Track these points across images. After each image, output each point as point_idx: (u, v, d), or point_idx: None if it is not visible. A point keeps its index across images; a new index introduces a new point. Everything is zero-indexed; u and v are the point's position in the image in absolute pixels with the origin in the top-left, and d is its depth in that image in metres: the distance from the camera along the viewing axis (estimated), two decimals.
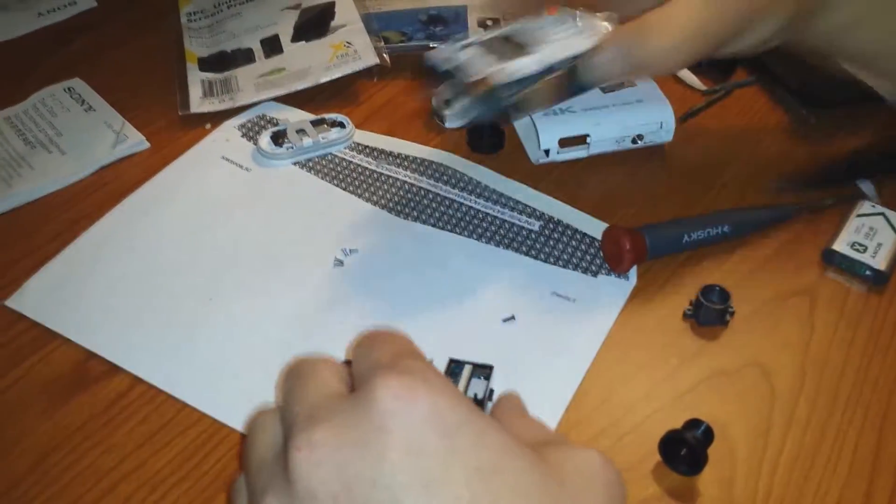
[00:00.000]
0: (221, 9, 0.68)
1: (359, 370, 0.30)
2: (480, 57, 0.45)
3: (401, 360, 0.29)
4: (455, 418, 0.27)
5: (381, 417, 0.26)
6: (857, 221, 0.49)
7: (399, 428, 0.26)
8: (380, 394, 0.27)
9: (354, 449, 0.26)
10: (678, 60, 0.44)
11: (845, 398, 0.42)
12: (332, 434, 0.26)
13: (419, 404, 0.26)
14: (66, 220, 0.53)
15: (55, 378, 0.45)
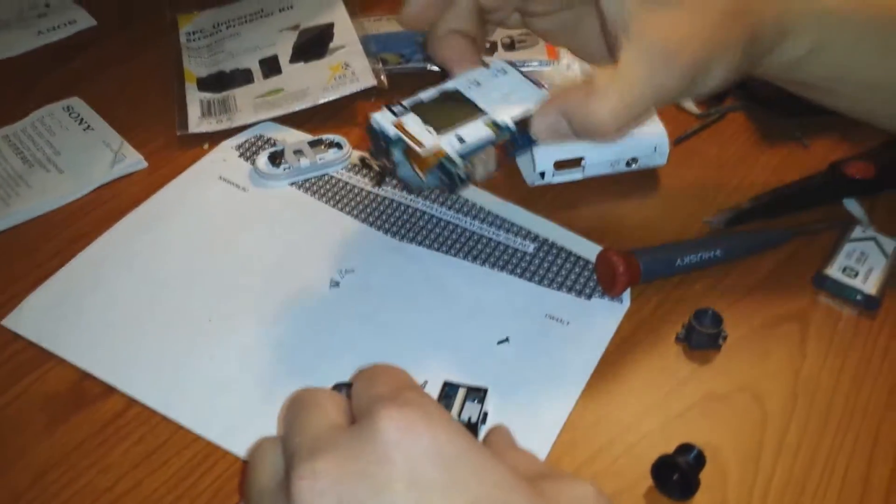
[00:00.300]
0: (220, 29, 0.69)
1: (360, 403, 0.30)
2: (425, 124, 0.43)
3: (402, 393, 0.29)
4: (455, 451, 0.27)
5: (383, 448, 0.27)
6: (849, 246, 0.49)
7: (401, 459, 0.26)
8: (382, 425, 0.27)
9: (357, 479, 0.26)
10: (623, 124, 0.42)
11: (836, 423, 0.43)
12: (335, 464, 0.27)
13: (420, 436, 0.27)
14: (63, 240, 0.53)
15: (52, 397, 0.45)
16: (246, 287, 0.50)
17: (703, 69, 0.41)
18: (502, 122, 0.43)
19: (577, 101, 0.42)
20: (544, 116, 0.43)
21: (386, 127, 0.43)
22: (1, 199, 0.56)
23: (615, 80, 0.41)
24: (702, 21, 0.41)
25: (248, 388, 0.45)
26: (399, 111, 0.44)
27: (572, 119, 0.42)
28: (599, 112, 0.41)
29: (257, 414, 0.43)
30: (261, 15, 0.70)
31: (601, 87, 0.41)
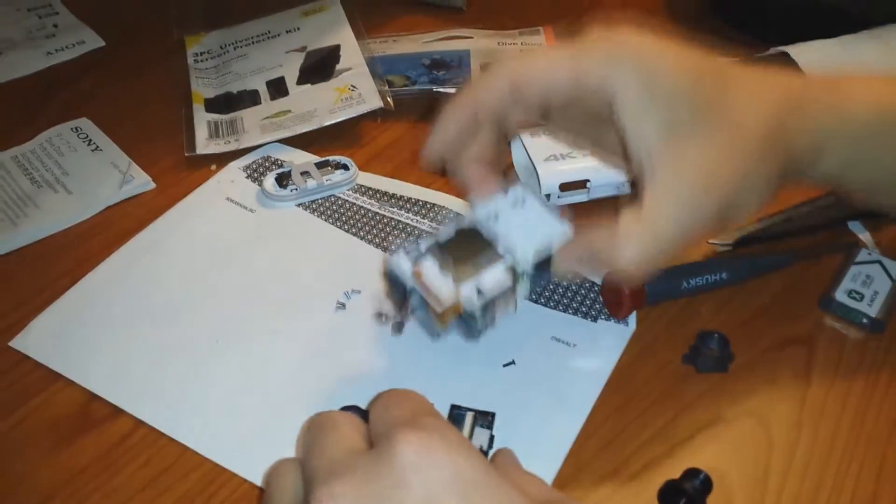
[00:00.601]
0: (228, 50, 0.69)
1: (377, 427, 0.31)
2: (443, 270, 0.42)
3: (420, 418, 0.29)
4: (472, 476, 0.27)
5: (400, 472, 0.27)
6: (855, 269, 0.49)
7: (418, 483, 0.27)
8: (400, 449, 0.27)
9: (374, 502, 0.26)
10: (651, 265, 0.41)
11: (841, 448, 0.43)
12: (352, 487, 0.27)
13: (438, 461, 0.27)
14: (71, 261, 0.54)
15: (59, 420, 0.45)
16: (253, 308, 0.50)
17: (734, 204, 0.40)
18: (522, 268, 0.43)
19: (601, 245, 0.41)
20: (568, 260, 0.43)
21: (404, 275, 0.43)
22: (9, 219, 0.56)
23: (641, 223, 0.40)
24: (733, 153, 0.40)
25: (256, 410, 0.45)
26: (417, 255, 0.43)
27: (597, 262, 0.42)
28: (626, 256, 0.40)
29: (264, 436, 0.44)
30: (267, 36, 0.70)
31: (627, 230, 0.40)
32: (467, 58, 0.66)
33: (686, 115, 0.39)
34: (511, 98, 0.42)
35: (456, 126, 0.43)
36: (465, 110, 0.43)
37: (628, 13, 0.75)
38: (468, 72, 0.64)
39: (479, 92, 0.43)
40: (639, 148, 0.39)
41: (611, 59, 0.39)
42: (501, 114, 0.43)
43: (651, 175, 0.39)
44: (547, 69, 0.41)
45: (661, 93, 0.39)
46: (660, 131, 0.39)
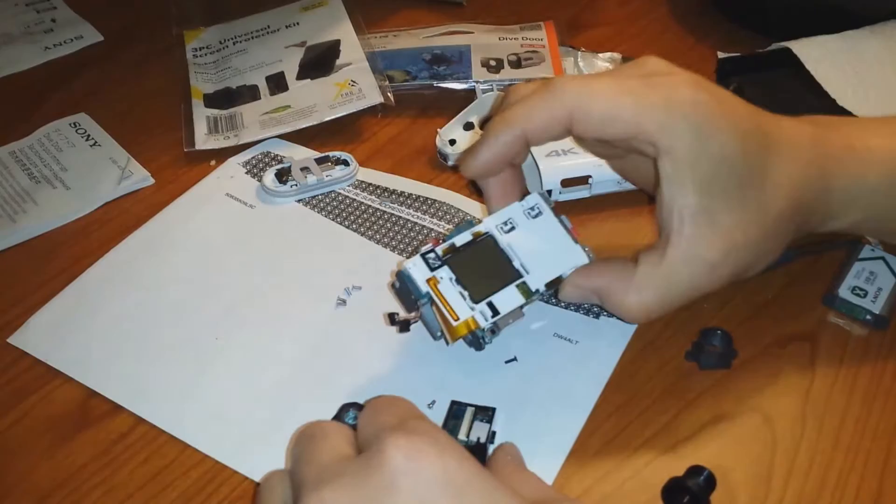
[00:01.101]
0: (227, 45, 0.69)
1: (365, 433, 0.30)
2: (459, 285, 0.43)
3: (408, 422, 0.29)
4: (463, 478, 0.27)
5: (390, 476, 0.27)
6: (858, 266, 0.49)
7: (408, 487, 0.26)
8: (389, 453, 0.27)
9: None
10: (654, 318, 0.44)
11: (846, 444, 0.42)
12: (343, 493, 0.27)
13: (428, 463, 0.27)
14: (70, 257, 0.53)
15: (58, 417, 0.45)
16: (253, 305, 0.50)
17: (750, 266, 0.43)
18: (535, 288, 0.44)
19: (613, 286, 0.43)
20: (577, 289, 0.44)
21: (419, 282, 0.43)
22: (8, 215, 0.56)
23: (655, 278, 0.42)
24: (760, 223, 0.41)
25: (255, 407, 0.45)
26: (433, 263, 0.43)
27: (604, 300, 0.44)
28: (634, 306, 0.42)
29: (264, 433, 0.43)
30: (267, 31, 0.70)
31: (641, 281, 0.42)
32: (468, 53, 0.65)
33: (725, 182, 0.40)
34: (564, 126, 0.41)
35: (505, 146, 0.42)
36: (518, 133, 0.42)
37: (631, 7, 0.75)
38: (469, 67, 0.64)
39: (535, 117, 0.42)
40: (674, 202, 0.41)
41: (670, 110, 0.40)
42: (551, 138, 0.42)
43: (679, 231, 0.41)
44: (608, 108, 0.40)
45: (708, 157, 0.40)
46: (698, 193, 0.40)
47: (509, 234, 0.44)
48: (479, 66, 0.64)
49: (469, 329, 0.42)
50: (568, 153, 0.54)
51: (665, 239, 0.42)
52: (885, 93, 0.58)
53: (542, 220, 0.45)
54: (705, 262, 0.41)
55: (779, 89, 0.60)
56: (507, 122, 0.42)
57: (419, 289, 0.43)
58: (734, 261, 0.42)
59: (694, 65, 0.42)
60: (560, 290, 0.45)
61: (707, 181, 0.40)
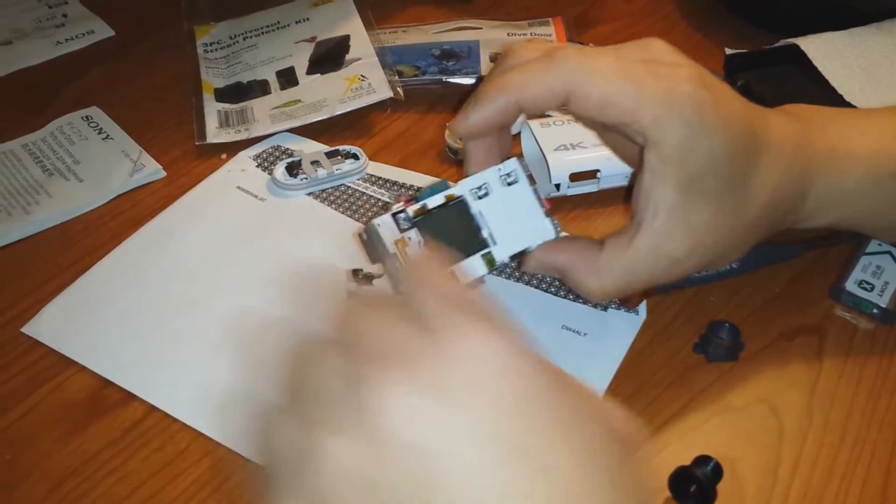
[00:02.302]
0: (237, 40, 0.70)
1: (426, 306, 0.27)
2: (422, 250, 0.42)
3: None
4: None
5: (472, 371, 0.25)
6: (865, 260, 0.49)
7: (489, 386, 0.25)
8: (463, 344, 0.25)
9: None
10: (610, 299, 0.45)
11: (853, 436, 0.43)
12: (411, 375, 0.25)
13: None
14: (83, 248, 0.54)
15: (71, 405, 0.45)
16: (263, 296, 0.50)
17: (714, 262, 0.44)
18: (499, 260, 0.44)
19: (576, 266, 0.44)
20: (540, 264, 0.45)
21: (387, 242, 0.42)
22: (21, 207, 0.56)
23: (618, 266, 0.42)
24: (732, 225, 0.42)
25: (267, 396, 0.45)
26: (403, 224, 0.42)
27: (565, 278, 0.44)
28: (593, 288, 0.43)
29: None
30: (277, 27, 0.70)
31: (604, 266, 0.43)
32: (476, 48, 0.66)
33: (706, 184, 0.41)
34: (560, 101, 0.41)
35: (497, 110, 0.42)
36: (512, 98, 0.41)
37: (638, 3, 0.75)
38: (478, 62, 0.64)
39: (532, 86, 0.41)
40: (651, 193, 0.41)
41: (668, 104, 0.39)
42: (544, 110, 0.43)
43: (650, 222, 0.41)
44: (606, 91, 0.40)
45: (695, 157, 0.40)
46: (678, 190, 0.40)
47: (482, 199, 0.44)
48: (488, 61, 0.65)
49: None
50: (577, 147, 0.54)
51: (635, 226, 0.42)
52: (892, 89, 0.59)
53: (517, 188, 0.45)
54: (670, 257, 0.42)
55: (786, 85, 0.60)
56: (503, 87, 0.41)
57: (386, 248, 0.42)
58: (698, 258, 0.42)
59: (701, 61, 0.42)
60: (524, 263, 0.45)
61: (689, 180, 0.40)
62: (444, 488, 0.23)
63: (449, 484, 0.23)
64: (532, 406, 0.25)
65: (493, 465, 0.24)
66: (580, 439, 0.25)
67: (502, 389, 0.25)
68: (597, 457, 0.25)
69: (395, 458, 0.24)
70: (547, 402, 0.26)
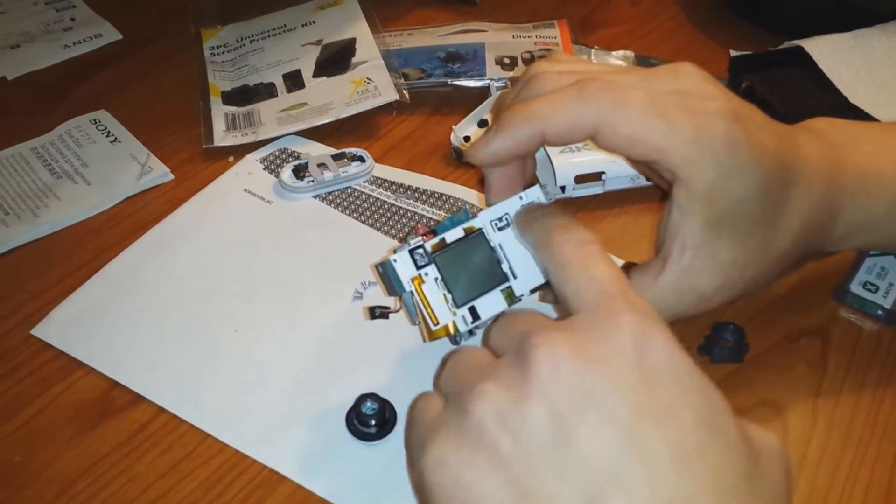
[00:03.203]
0: (244, 43, 0.70)
1: (501, 340, 0.35)
2: (444, 287, 0.41)
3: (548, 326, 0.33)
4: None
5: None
6: (870, 261, 0.49)
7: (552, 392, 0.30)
8: (538, 357, 0.30)
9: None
10: None
11: (857, 437, 0.43)
12: (500, 385, 0.31)
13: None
14: (91, 251, 0.54)
15: (80, 407, 0.46)
16: (270, 298, 0.51)
17: (734, 299, 0.42)
18: (519, 294, 0.42)
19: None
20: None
21: (404, 280, 0.41)
22: (30, 210, 0.57)
23: (645, 296, 0.39)
24: (761, 260, 0.41)
25: (274, 398, 0.45)
26: (420, 261, 0.41)
27: None
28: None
29: (283, 422, 0.44)
30: (283, 30, 0.71)
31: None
32: (482, 51, 0.66)
33: (736, 222, 0.40)
34: (588, 136, 0.39)
35: (521, 140, 0.40)
36: (537, 129, 0.39)
37: (643, 6, 0.75)
38: (483, 64, 0.65)
39: (559, 118, 0.39)
40: (679, 229, 0.40)
41: (699, 144, 0.38)
42: (569, 142, 0.41)
43: (677, 260, 0.40)
44: (636, 128, 0.38)
45: (725, 197, 0.39)
46: (707, 228, 0.40)
47: (502, 231, 0.43)
48: (494, 63, 0.65)
49: (448, 333, 0.41)
50: (582, 149, 0.54)
51: (661, 261, 0.41)
52: None
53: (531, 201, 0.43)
54: (697, 294, 0.41)
55: (791, 87, 0.60)
56: (528, 117, 0.39)
57: (402, 286, 0.41)
58: (726, 294, 0.42)
59: (706, 63, 0.42)
60: (545, 296, 0.45)
61: (718, 218, 0.39)
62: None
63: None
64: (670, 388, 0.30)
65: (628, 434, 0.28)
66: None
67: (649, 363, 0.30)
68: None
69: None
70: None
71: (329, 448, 0.43)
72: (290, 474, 0.42)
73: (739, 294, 0.42)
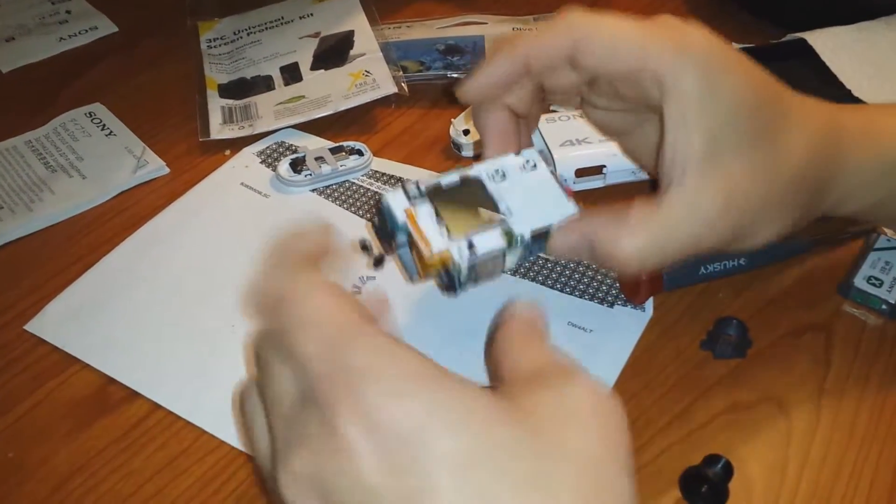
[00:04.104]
0: (241, 36, 0.69)
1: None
2: (438, 219, 0.39)
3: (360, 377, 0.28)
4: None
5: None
6: (874, 256, 0.49)
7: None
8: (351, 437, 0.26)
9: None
10: (648, 265, 0.39)
11: (861, 433, 0.42)
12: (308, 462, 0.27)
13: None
14: (86, 245, 0.54)
15: (75, 403, 0.45)
16: None
17: (750, 229, 0.39)
18: (519, 234, 0.40)
19: (605, 230, 0.39)
20: (566, 237, 0.40)
21: (396, 212, 0.39)
22: (24, 204, 0.56)
23: (652, 220, 0.38)
24: (766, 180, 0.39)
25: None
26: (414, 196, 0.40)
27: (596, 247, 0.39)
28: (627, 248, 0.38)
29: None
30: (281, 22, 0.70)
31: (637, 223, 0.38)
32: (481, 43, 0.65)
33: (735, 131, 0.38)
34: (568, 54, 0.39)
35: (505, 68, 0.40)
36: (519, 55, 0.40)
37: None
38: (482, 57, 0.64)
39: (538, 40, 0.40)
40: (676, 150, 0.38)
41: (682, 53, 0.37)
42: (554, 68, 0.40)
43: (680, 180, 0.38)
44: (614, 36, 0.38)
45: (719, 100, 0.37)
46: (705, 142, 0.37)
47: (499, 183, 0.41)
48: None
49: (443, 263, 0.39)
50: (582, 143, 0.54)
51: (664, 189, 0.39)
52: None
53: (537, 173, 0.42)
54: (706, 213, 0.38)
55: (794, 80, 0.59)
56: (511, 46, 0.40)
57: (395, 219, 0.39)
58: (732, 219, 0.38)
59: None
60: (548, 245, 0.41)
61: (716, 127, 0.37)
62: None
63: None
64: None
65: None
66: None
67: None
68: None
69: None
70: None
71: None
72: None
73: (746, 223, 0.39)
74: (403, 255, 0.41)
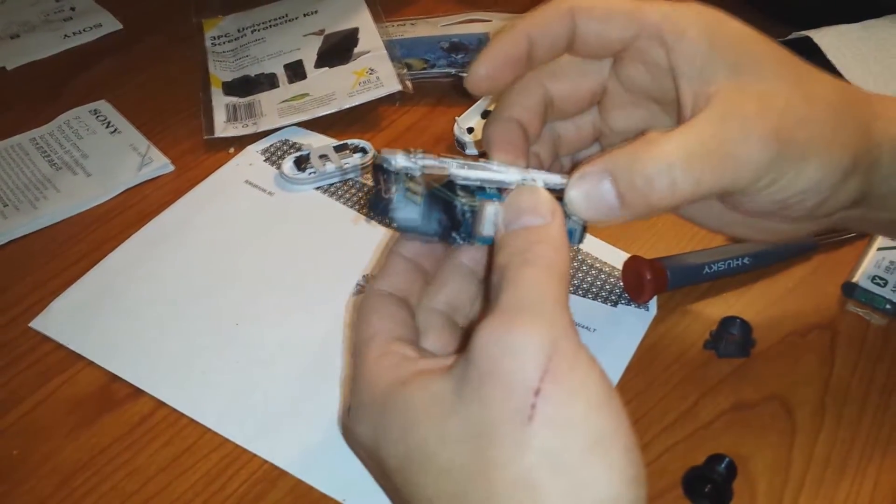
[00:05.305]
0: (245, 33, 0.69)
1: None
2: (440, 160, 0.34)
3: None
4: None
5: None
6: (878, 255, 0.49)
7: None
8: None
9: None
10: (681, 185, 0.32)
11: (865, 433, 0.42)
12: None
13: None
14: (90, 243, 0.54)
15: (80, 400, 0.45)
16: (272, 291, 0.50)
17: (790, 151, 0.34)
18: (535, 179, 0.35)
19: (626, 154, 0.33)
20: (584, 181, 0.33)
21: (392, 160, 0.33)
22: (29, 202, 0.56)
23: (677, 131, 0.33)
24: (801, 105, 0.34)
25: (275, 392, 0.45)
26: (415, 154, 0.34)
27: (620, 177, 0.33)
28: (656, 164, 0.32)
29: (283, 417, 0.44)
30: (285, 20, 0.70)
31: (659, 136, 0.33)
32: (486, 41, 0.65)
33: (752, 60, 0.35)
34: (569, 29, 0.37)
35: (508, 47, 0.38)
36: (520, 32, 0.37)
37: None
38: None
39: (537, 17, 0.38)
40: (693, 82, 0.35)
41: (676, 6, 0.36)
42: (557, 45, 0.38)
43: (705, 103, 0.34)
44: (609, 4, 0.37)
45: (726, 41, 0.35)
46: (723, 72, 0.34)
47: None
48: None
49: (440, 182, 0.34)
50: None
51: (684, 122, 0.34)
52: None
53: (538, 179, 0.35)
54: (734, 116, 0.33)
55: None
56: (510, 27, 0.38)
57: (391, 162, 0.33)
58: (775, 124, 0.33)
59: None
60: (566, 198, 0.34)
61: (732, 63, 0.34)
62: None
63: None
64: None
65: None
66: None
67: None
68: None
69: None
70: None
71: (330, 442, 0.42)
72: (291, 469, 0.42)
73: (788, 140, 0.33)
74: (400, 212, 0.33)
